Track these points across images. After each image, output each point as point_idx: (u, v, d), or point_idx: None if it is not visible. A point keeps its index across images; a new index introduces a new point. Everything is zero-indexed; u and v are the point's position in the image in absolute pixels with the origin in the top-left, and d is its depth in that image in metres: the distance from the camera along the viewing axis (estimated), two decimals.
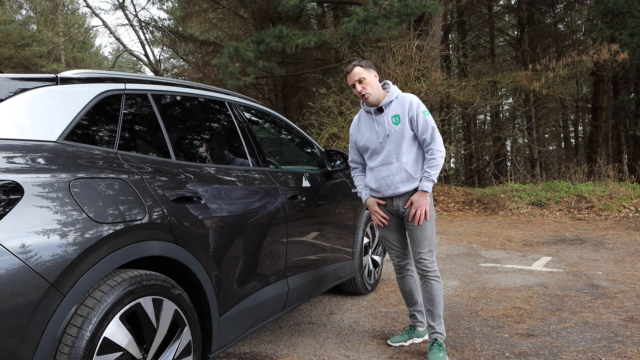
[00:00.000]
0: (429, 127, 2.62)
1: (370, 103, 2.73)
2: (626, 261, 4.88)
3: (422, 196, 2.61)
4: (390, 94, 2.72)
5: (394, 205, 2.73)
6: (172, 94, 2.36)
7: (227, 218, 2.24)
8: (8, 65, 20.85)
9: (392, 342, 2.90)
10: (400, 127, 2.65)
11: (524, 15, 15.59)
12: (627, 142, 15.88)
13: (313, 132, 9.90)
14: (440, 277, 2.74)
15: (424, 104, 2.72)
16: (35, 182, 1.52)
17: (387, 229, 2.83)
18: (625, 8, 10.10)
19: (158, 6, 29.62)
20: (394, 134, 2.66)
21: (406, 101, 2.68)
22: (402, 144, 2.65)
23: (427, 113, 2.65)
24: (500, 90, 13.45)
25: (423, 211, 2.60)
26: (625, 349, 2.69)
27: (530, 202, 8.86)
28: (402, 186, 2.65)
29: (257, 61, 10.69)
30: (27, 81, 1.77)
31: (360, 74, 2.67)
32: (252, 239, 2.41)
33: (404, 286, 2.92)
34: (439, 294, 2.70)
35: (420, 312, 2.95)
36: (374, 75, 2.72)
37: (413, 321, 2.96)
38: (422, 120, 2.63)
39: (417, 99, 2.70)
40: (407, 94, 2.74)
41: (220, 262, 2.16)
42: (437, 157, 2.60)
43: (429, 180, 2.60)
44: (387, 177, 2.68)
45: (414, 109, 2.64)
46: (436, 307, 2.70)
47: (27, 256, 1.41)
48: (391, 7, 8.96)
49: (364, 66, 2.70)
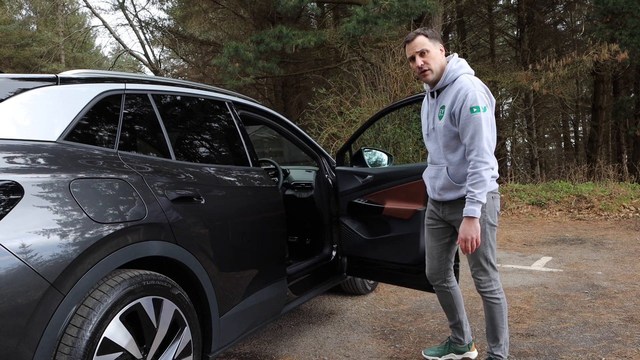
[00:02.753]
0: (470, 129, 2.11)
1: (430, 82, 2.29)
2: (626, 261, 4.88)
3: (468, 224, 2.13)
4: (445, 76, 2.23)
5: (441, 211, 2.39)
6: (172, 94, 2.36)
7: (227, 218, 2.24)
8: (8, 65, 20.84)
9: (426, 354, 2.66)
10: (442, 124, 2.24)
11: (524, 15, 15.58)
12: (627, 142, 15.89)
13: (313, 132, 9.90)
14: (502, 298, 2.34)
15: (486, 97, 2.16)
16: (35, 182, 1.53)
17: (430, 233, 2.49)
18: (625, 8, 10.10)
19: (158, 6, 29.57)
20: (438, 131, 2.28)
21: (456, 90, 2.18)
22: (443, 144, 2.26)
23: (477, 110, 2.09)
24: (500, 90, 13.44)
25: (473, 243, 2.14)
26: (625, 349, 2.69)
27: (530, 202, 8.86)
28: (445, 194, 2.30)
29: (256, 61, 10.69)
30: (27, 81, 1.77)
31: (423, 44, 2.21)
32: (252, 238, 2.41)
33: (441, 300, 2.61)
34: (497, 316, 2.34)
35: (459, 330, 2.60)
36: (440, 49, 2.25)
37: (452, 336, 2.65)
38: (464, 118, 2.12)
39: (472, 89, 2.13)
40: (467, 80, 2.18)
41: (221, 262, 2.16)
42: (481, 170, 2.09)
43: (473, 203, 2.11)
44: (432, 179, 2.38)
45: (459, 101, 2.14)
46: (495, 329, 2.36)
47: (27, 256, 1.41)
48: (391, 7, 8.95)
49: (429, 36, 2.23)
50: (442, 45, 2.27)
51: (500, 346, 2.37)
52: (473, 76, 2.27)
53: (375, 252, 3.10)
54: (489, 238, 2.27)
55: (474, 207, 2.11)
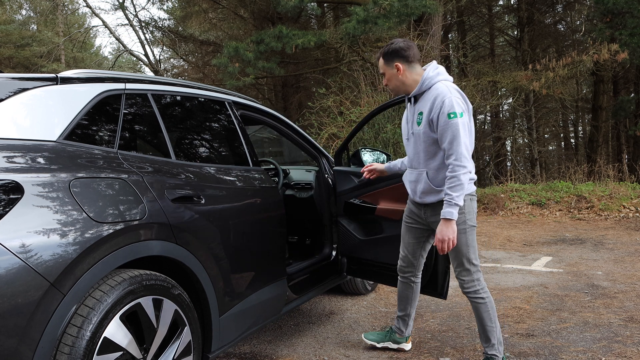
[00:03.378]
0: (448, 135, 2.18)
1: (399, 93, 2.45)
2: (626, 261, 4.88)
3: (445, 225, 2.21)
4: (422, 83, 2.32)
5: (423, 212, 2.48)
6: (172, 94, 2.36)
7: (227, 218, 2.24)
8: (8, 65, 20.84)
9: (365, 337, 2.81)
10: (420, 130, 2.31)
11: (524, 15, 15.58)
12: (627, 142, 15.88)
13: (313, 132, 9.90)
14: (486, 297, 2.38)
15: (462, 103, 2.24)
16: (35, 182, 1.53)
17: (408, 229, 2.60)
18: (625, 8, 10.10)
19: (158, 6, 29.57)
20: (416, 137, 2.36)
21: (433, 97, 2.26)
22: (422, 149, 2.34)
23: (455, 116, 2.17)
24: (500, 90, 13.44)
25: (450, 244, 2.22)
26: (625, 349, 2.69)
27: (530, 202, 8.86)
28: (425, 197, 2.39)
29: (256, 61, 10.68)
30: (27, 81, 1.77)
31: (381, 67, 2.43)
32: (252, 238, 2.41)
33: (400, 290, 2.74)
34: (484, 316, 2.37)
35: (404, 322, 2.74)
36: (396, 68, 2.35)
37: (395, 326, 2.79)
38: (442, 124, 2.19)
39: (449, 95, 2.20)
40: (443, 87, 2.26)
41: (221, 261, 2.16)
42: (459, 174, 2.17)
43: (451, 205, 2.18)
44: (412, 183, 2.46)
45: (437, 108, 2.21)
46: (485, 328, 2.39)
47: (27, 256, 1.41)
48: (391, 7, 8.95)
49: (386, 59, 2.39)
50: (400, 61, 2.35)
51: (493, 345, 2.40)
52: (450, 83, 2.33)
53: (371, 253, 3.10)
54: (469, 238, 2.35)
55: (451, 210, 2.20)
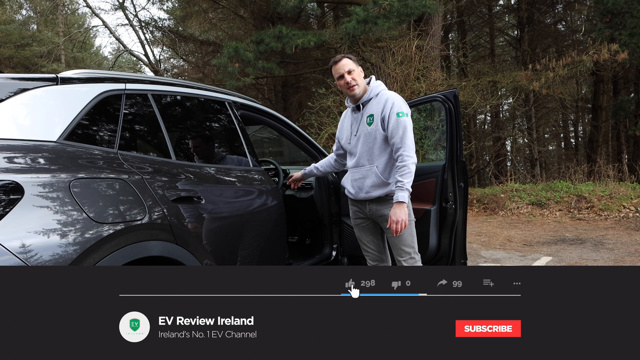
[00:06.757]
0: (399, 130, 2.47)
1: (355, 98, 2.64)
2: (626, 261, 4.88)
3: (398, 208, 2.45)
4: (370, 91, 2.62)
5: (367, 209, 2.65)
6: (172, 94, 2.36)
7: (227, 218, 2.24)
8: (8, 65, 20.84)
9: None
10: (373, 129, 2.56)
11: (524, 15, 15.58)
12: (627, 142, 15.89)
13: (313, 132, 9.90)
14: None
15: (406, 105, 2.58)
16: (35, 182, 1.52)
17: (362, 230, 2.75)
18: (625, 8, 10.10)
19: (158, 6, 29.63)
20: (366, 135, 2.58)
21: (383, 100, 2.56)
22: (373, 146, 2.56)
23: (402, 115, 2.49)
24: (500, 90, 13.44)
25: (403, 225, 2.44)
26: None
27: (530, 202, 8.87)
28: (373, 191, 2.58)
29: (256, 61, 10.68)
30: (27, 81, 1.77)
31: (349, 65, 2.58)
32: (252, 238, 2.41)
33: None
34: None
35: None
36: (361, 71, 2.65)
37: None
38: (393, 122, 2.49)
39: (397, 99, 2.55)
40: (389, 93, 2.60)
41: (221, 262, 2.16)
42: (408, 163, 2.45)
43: (403, 190, 2.44)
44: (359, 180, 2.62)
45: (387, 109, 2.51)
46: None
47: (27, 256, 1.41)
48: (391, 7, 8.95)
49: (352, 59, 2.61)
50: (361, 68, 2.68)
51: None
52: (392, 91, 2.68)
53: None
54: (413, 230, 2.62)
55: (403, 194, 2.44)
